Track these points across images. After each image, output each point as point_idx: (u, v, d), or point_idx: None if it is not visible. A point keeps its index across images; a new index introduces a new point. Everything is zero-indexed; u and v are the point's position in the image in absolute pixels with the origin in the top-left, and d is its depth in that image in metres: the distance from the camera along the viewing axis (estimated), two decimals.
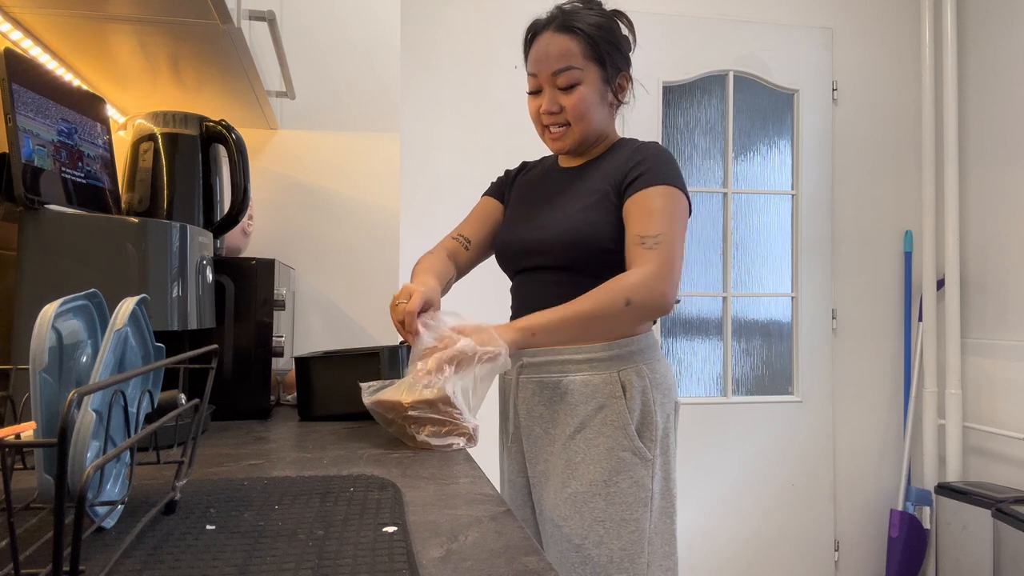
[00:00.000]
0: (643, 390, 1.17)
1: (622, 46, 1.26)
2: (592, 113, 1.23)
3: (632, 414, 1.15)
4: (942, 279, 2.81)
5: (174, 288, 0.96)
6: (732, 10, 2.83)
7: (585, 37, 1.21)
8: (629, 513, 1.12)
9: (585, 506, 1.13)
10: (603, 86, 1.23)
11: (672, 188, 1.18)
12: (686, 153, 2.83)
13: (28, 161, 0.89)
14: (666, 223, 1.15)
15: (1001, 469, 2.62)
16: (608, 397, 1.16)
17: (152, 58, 1.22)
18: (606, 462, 1.14)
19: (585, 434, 1.15)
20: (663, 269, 1.13)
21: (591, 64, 1.21)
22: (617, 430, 1.14)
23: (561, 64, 1.20)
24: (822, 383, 2.85)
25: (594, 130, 1.25)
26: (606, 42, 1.22)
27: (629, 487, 1.13)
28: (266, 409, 1.24)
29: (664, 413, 1.19)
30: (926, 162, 2.84)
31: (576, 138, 1.24)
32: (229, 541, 0.57)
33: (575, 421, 1.16)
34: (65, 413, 0.38)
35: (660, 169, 1.19)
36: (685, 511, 2.70)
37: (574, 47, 1.20)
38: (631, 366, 1.18)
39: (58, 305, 0.54)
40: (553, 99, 1.22)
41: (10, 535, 0.42)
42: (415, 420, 0.98)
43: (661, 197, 1.17)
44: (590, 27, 1.21)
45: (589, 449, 1.14)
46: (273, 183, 1.73)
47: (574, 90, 1.21)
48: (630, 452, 1.14)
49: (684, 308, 2.81)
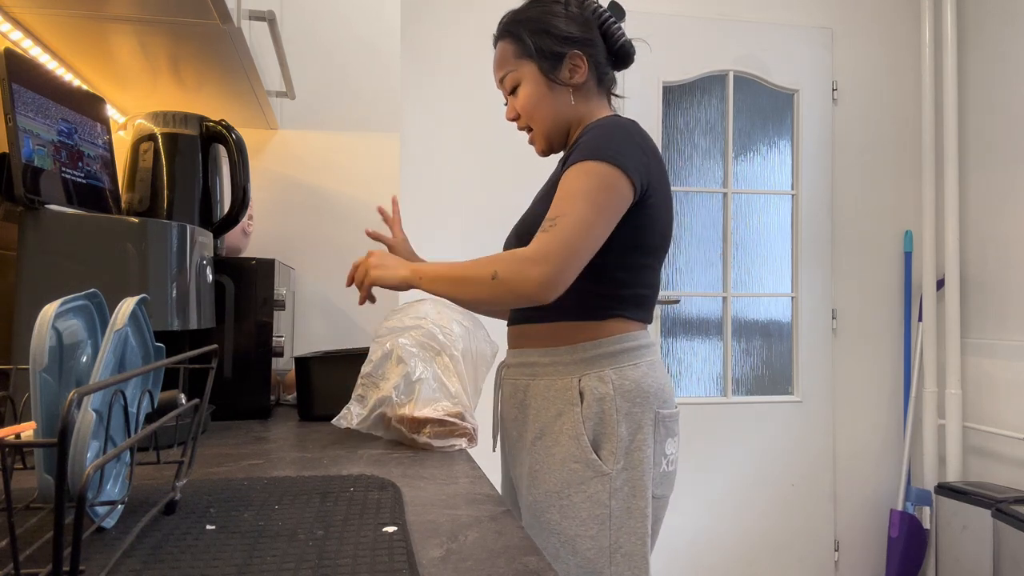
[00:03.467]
0: (603, 398, 1.07)
1: (557, 29, 1.17)
2: (543, 107, 1.18)
3: (586, 423, 1.07)
4: (942, 279, 2.81)
5: (174, 288, 0.96)
6: (732, 10, 2.83)
7: (513, 37, 1.19)
8: (584, 529, 1.04)
9: (543, 516, 1.07)
10: (545, 77, 1.18)
11: (593, 163, 1.05)
12: (686, 153, 2.83)
13: (28, 161, 0.89)
14: (568, 203, 1.04)
15: (1001, 469, 2.62)
16: (566, 404, 1.09)
17: (152, 58, 1.22)
18: (560, 473, 1.07)
19: (544, 441, 1.10)
20: (539, 252, 1.01)
21: (523, 61, 1.19)
22: (571, 440, 1.07)
23: (500, 72, 1.22)
24: (822, 383, 2.85)
25: (554, 121, 1.20)
26: (534, 33, 1.17)
27: (582, 502, 1.05)
28: (266, 409, 1.24)
29: (633, 424, 1.07)
30: (926, 162, 2.84)
31: (542, 135, 1.21)
32: (229, 541, 0.57)
33: (537, 427, 1.11)
34: (65, 413, 0.38)
35: (590, 145, 1.08)
36: (685, 511, 2.70)
37: (508, 50, 1.20)
38: (594, 371, 1.09)
39: (58, 305, 0.54)
40: (510, 106, 1.23)
41: (10, 535, 0.42)
42: (416, 423, 0.98)
43: (576, 175, 1.06)
44: (517, 24, 1.19)
45: (547, 458, 1.09)
46: (273, 183, 1.73)
47: (518, 92, 1.20)
48: (583, 464, 1.06)
49: (684, 308, 2.81)
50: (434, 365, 1.04)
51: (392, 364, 1.04)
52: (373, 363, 1.05)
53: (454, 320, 1.12)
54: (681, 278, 2.81)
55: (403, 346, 1.05)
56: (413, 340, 1.06)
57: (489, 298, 1.04)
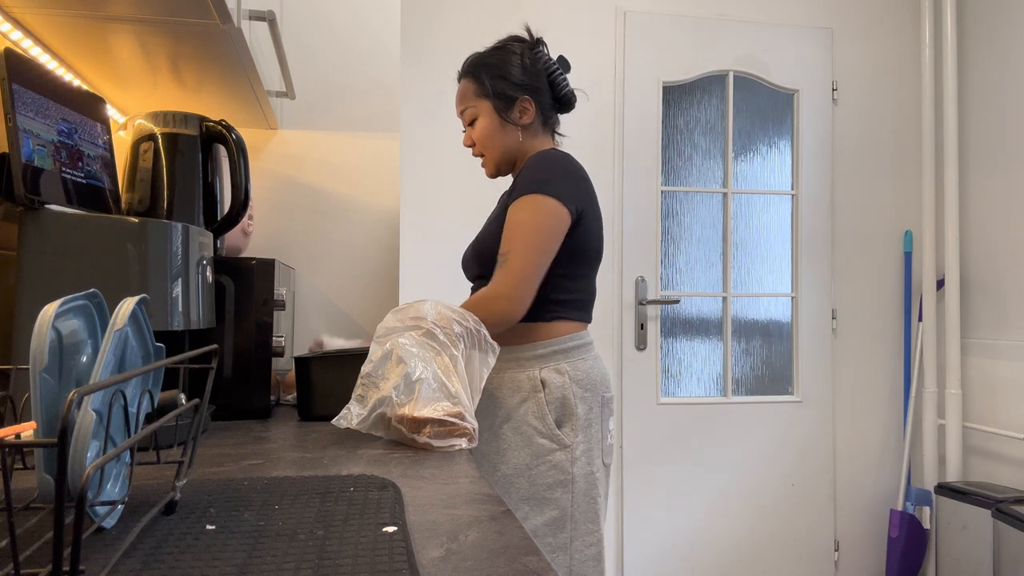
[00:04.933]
0: (562, 385, 1.30)
1: (512, 76, 1.38)
2: (495, 140, 1.39)
3: (551, 405, 1.30)
4: (942, 279, 2.81)
5: (174, 288, 0.96)
6: (732, 10, 2.83)
7: (474, 77, 1.40)
8: (549, 493, 1.27)
9: (512, 486, 1.28)
10: (499, 116, 1.39)
11: (531, 196, 1.28)
12: (686, 153, 2.83)
13: (28, 161, 0.89)
14: (512, 238, 1.27)
15: (1001, 469, 2.62)
16: (530, 391, 1.30)
17: (152, 58, 1.22)
18: (528, 448, 1.29)
19: (511, 423, 1.31)
20: (499, 291, 1.26)
21: (482, 100, 1.39)
22: (537, 420, 1.29)
23: (461, 105, 1.42)
24: (822, 383, 2.85)
25: (503, 153, 1.41)
26: (493, 77, 1.38)
27: (548, 470, 1.28)
28: (266, 409, 1.24)
29: (586, 406, 1.32)
30: (926, 162, 2.84)
31: (492, 163, 1.42)
32: (229, 541, 0.57)
33: (503, 412, 1.32)
34: (65, 413, 0.38)
35: (528, 179, 1.30)
36: (685, 511, 2.70)
37: (469, 88, 1.40)
38: (551, 364, 1.32)
39: (58, 305, 0.54)
40: (467, 135, 1.43)
41: (10, 535, 0.42)
42: (416, 423, 0.98)
43: (517, 210, 1.29)
44: (479, 67, 1.40)
45: (515, 436, 1.30)
46: (273, 183, 1.73)
47: (475, 124, 1.41)
48: (548, 439, 1.29)
49: (684, 308, 2.81)
50: (434, 365, 1.04)
51: (392, 364, 1.04)
52: (373, 363, 1.05)
53: (454, 320, 1.12)
54: (681, 278, 2.81)
55: (403, 346, 1.05)
56: (413, 340, 1.06)
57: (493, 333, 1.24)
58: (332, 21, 1.77)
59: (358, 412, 1.02)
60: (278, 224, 1.72)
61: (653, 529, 2.68)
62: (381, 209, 1.77)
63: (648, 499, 2.68)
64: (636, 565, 2.66)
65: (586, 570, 1.29)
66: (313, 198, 1.74)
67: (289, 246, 1.72)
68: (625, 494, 2.66)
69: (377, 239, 1.76)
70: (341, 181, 1.76)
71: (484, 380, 1.11)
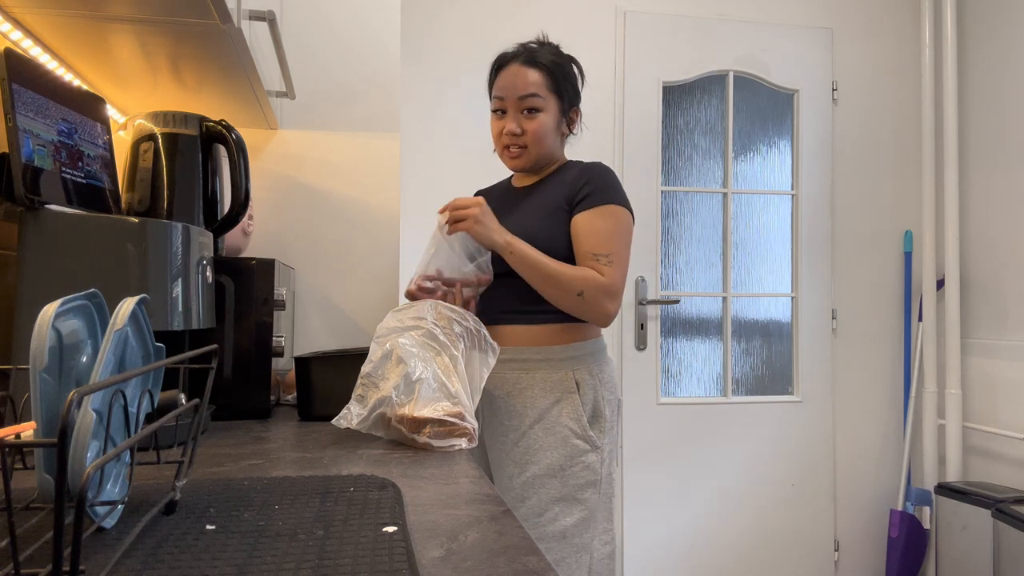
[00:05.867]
0: (594, 387, 1.34)
1: (577, 86, 1.44)
2: (548, 138, 1.40)
3: (585, 407, 1.32)
4: (942, 279, 2.81)
5: (174, 288, 0.96)
6: (732, 10, 2.83)
7: (548, 72, 1.39)
8: (580, 493, 1.28)
9: (542, 487, 1.28)
10: (560, 116, 1.41)
11: (616, 207, 1.35)
12: (686, 153, 2.83)
13: (28, 161, 0.89)
14: (614, 243, 1.33)
15: (1001, 469, 2.62)
16: (564, 392, 1.32)
17: (152, 58, 1.22)
18: (563, 449, 1.29)
19: (544, 424, 1.31)
20: (613, 288, 1.31)
21: (552, 96, 1.39)
22: (572, 420, 1.31)
23: (528, 91, 1.38)
24: (822, 383, 2.85)
25: (547, 153, 1.42)
26: (564, 79, 1.40)
27: (581, 471, 1.29)
28: (266, 409, 1.24)
29: (611, 408, 1.36)
30: (926, 162, 2.84)
31: (531, 159, 1.41)
32: (229, 541, 0.57)
33: (534, 413, 1.32)
34: (65, 413, 0.38)
35: (606, 189, 1.35)
36: (685, 511, 2.70)
37: (540, 79, 1.38)
38: (583, 366, 1.34)
39: (58, 305, 0.54)
40: (517, 122, 1.39)
41: (10, 535, 0.42)
42: (416, 423, 0.98)
43: (608, 216, 1.34)
44: (552, 64, 1.39)
45: (547, 437, 1.30)
46: (273, 183, 1.73)
47: (536, 117, 1.38)
48: (583, 440, 1.30)
49: (684, 308, 2.81)
50: (434, 365, 1.04)
51: (392, 364, 1.04)
52: (373, 363, 1.05)
53: (454, 320, 1.12)
54: (681, 278, 2.81)
55: (403, 346, 1.05)
56: (413, 340, 1.06)
57: (566, 306, 1.32)
58: (332, 21, 1.77)
59: (358, 412, 1.02)
60: (278, 224, 1.72)
61: (653, 529, 2.68)
62: (381, 209, 1.77)
63: (648, 499, 2.68)
64: (636, 565, 2.66)
65: (602, 568, 1.31)
66: (313, 198, 1.74)
67: (289, 246, 1.72)
68: (625, 494, 2.66)
69: (377, 239, 1.76)
70: (341, 181, 1.76)
71: (484, 380, 1.11)
